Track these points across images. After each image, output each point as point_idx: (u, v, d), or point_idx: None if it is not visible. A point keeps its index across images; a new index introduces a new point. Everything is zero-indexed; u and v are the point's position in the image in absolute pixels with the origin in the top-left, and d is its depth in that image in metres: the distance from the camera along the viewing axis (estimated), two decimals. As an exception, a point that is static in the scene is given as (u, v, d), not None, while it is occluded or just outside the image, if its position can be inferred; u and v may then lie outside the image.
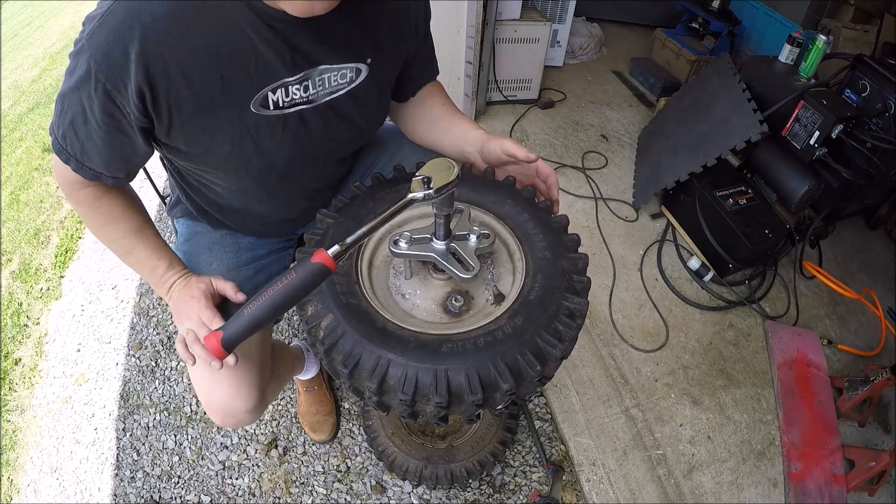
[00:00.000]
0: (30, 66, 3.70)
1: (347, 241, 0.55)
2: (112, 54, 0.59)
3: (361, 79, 0.77)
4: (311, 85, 0.72)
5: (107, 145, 0.69)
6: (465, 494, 1.32)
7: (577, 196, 2.13)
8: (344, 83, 0.75)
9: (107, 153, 0.70)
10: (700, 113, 1.94)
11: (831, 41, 1.72)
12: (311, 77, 0.71)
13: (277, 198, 0.90)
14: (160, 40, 0.60)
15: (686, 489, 1.33)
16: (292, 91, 0.71)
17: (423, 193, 0.59)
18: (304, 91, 0.72)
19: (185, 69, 0.63)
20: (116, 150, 0.71)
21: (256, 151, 0.74)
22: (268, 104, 0.70)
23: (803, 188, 1.73)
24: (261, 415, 0.97)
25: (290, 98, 0.71)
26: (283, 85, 0.69)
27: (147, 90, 0.62)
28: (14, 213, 2.24)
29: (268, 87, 0.68)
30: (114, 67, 0.60)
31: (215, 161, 0.75)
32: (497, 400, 0.61)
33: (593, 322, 1.68)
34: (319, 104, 0.74)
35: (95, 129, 0.67)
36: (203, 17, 0.61)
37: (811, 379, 1.55)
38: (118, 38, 0.59)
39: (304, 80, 0.71)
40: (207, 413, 0.91)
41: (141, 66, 0.60)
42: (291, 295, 0.53)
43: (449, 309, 0.71)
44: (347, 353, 0.61)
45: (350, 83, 0.76)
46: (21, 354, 1.67)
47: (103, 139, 0.68)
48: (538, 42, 2.40)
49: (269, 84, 0.68)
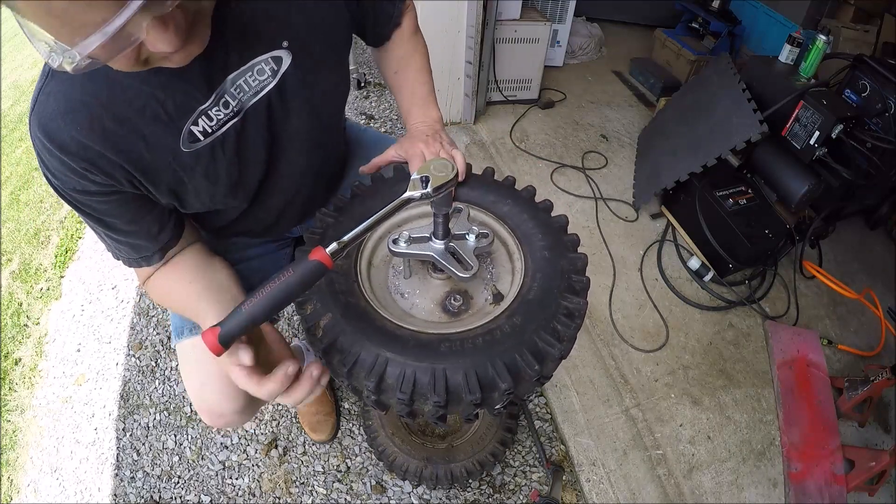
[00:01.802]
0: (30, 66, 3.70)
1: (345, 239, 0.55)
2: (54, 168, 0.63)
3: (286, 66, 0.70)
4: (230, 98, 0.67)
5: (133, 224, 0.71)
6: (465, 494, 1.32)
7: (577, 196, 2.13)
8: (265, 78, 0.69)
9: (144, 229, 0.72)
10: (700, 113, 1.94)
11: (831, 41, 1.72)
12: (225, 91, 0.66)
13: (263, 207, 0.87)
14: (83, 145, 0.61)
15: (686, 489, 1.33)
16: (213, 114, 0.67)
17: (420, 192, 0.59)
18: (226, 107, 0.67)
19: (113, 147, 0.63)
20: (147, 220, 0.72)
21: (209, 180, 0.72)
22: (196, 138, 0.67)
23: (803, 188, 1.73)
24: (252, 416, 0.97)
25: (214, 122, 0.67)
26: (202, 113, 0.66)
27: (104, 176, 0.64)
28: (14, 213, 2.24)
29: (187, 123, 0.66)
30: (59, 176, 0.63)
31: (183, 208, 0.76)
32: (495, 399, 0.61)
33: (593, 322, 1.68)
34: (248, 109, 0.70)
35: (115, 221, 0.69)
36: (97, 100, 0.61)
37: (811, 379, 1.55)
38: (46, 154, 0.62)
39: (220, 98, 0.66)
40: (198, 413, 0.91)
41: (80, 162, 0.62)
42: (289, 292, 0.53)
43: (448, 308, 0.71)
44: (346, 352, 0.61)
45: (274, 75, 0.70)
46: (21, 354, 1.67)
47: (126, 219, 0.70)
48: (538, 42, 2.40)
49: (186, 120, 0.65)
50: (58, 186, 0.65)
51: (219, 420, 0.90)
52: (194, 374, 0.88)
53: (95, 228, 0.72)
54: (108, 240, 0.73)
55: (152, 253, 0.75)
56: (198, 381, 0.87)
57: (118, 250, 0.74)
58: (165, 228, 0.75)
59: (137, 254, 0.74)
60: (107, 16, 0.42)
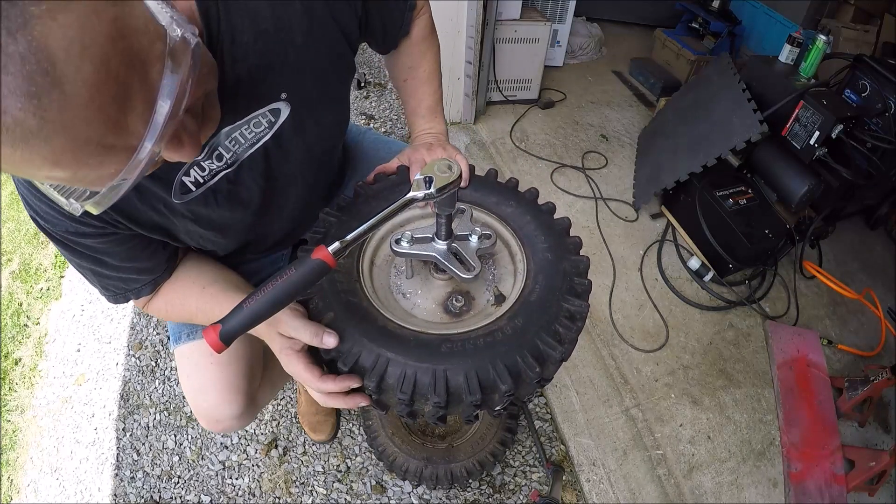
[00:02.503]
0: (30, 66, 3.70)
1: (347, 239, 0.55)
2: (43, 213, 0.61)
3: (284, 118, 0.68)
4: (224, 150, 0.65)
5: (126, 261, 0.69)
6: (465, 494, 1.32)
7: (577, 196, 2.13)
8: (261, 130, 0.67)
9: (135, 265, 0.71)
10: (700, 113, 1.94)
11: (831, 41, 1.72)
12: (218, 144, 0.64)
13: (259, 239, 0.85)
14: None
15: (686, 489, 1.33)
16: (206, 164, 0.65)
17: (423, 193, 0.59)
18: (219, 160, 0.66)
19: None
20: (139, 257, 0.70)
21: (201, 226, 0.71)
22: (187, 189, 0.66)
23: (803, 188, 1.73)
24: (251, 420, 0.97)
25: (207, 172, 0.66)
26: (194, 164, 0.64)
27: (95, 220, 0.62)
28: (14, 213, 2.23)
29: (179, 175, 0.64)
30: (50, 220, 0.62)
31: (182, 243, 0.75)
32: (496, 401, 0.61)
33: (593, 322, 1.68)
34: (244, 160, 0.68)
35: (107, 260, 0.68)
36: None
37: (811, 379, 1.55)
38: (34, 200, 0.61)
39: (214, 150, 0.65)
40: (197, 418, 0.90)
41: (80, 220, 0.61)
42: (291, 290, 0.53)
43: (449, 309, 0.71)
44: (347, 352, 0.61)
45: (271, 126, 0.67)
46: (21, 354, 1.67)
47: (118, 257, 0.68)
48: (538, 42, 2.40)
49: (177, 172, 0.64)
50: (48, 229, 0.63)
51: (216, 425, 0.89)
52: (192, 378, 0.88)
53: (83, 266, 0.69)
54: (96, 277, 0.71)
55: (142, 286, 0.73)
56: (196, 386, 0.87)
57: (105, 287, 0.72)
58: (159, 263, 0.73)
59: (127, 286, 0.72)
60: (120, 167, 0.40)
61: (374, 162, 1.02)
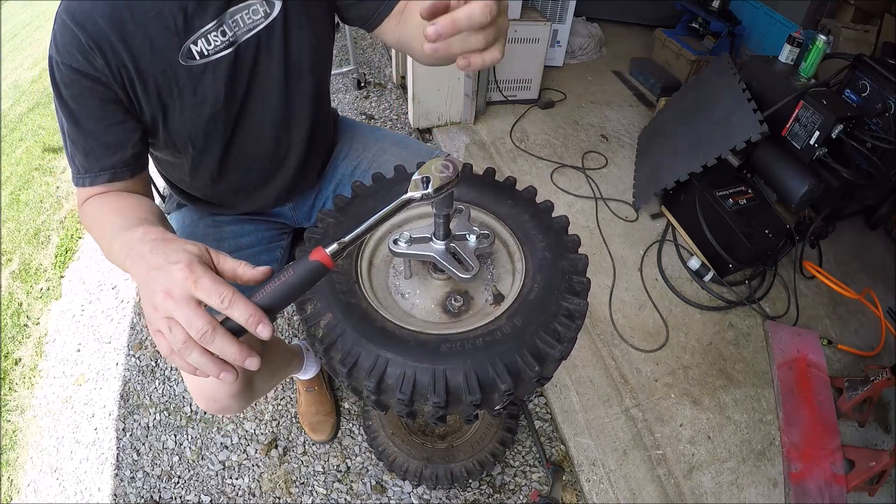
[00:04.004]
0: (30, 66, 3.70)
1: (345, 240, 0.55)
2: (61, 41, 0.68)
3: (276, 12, 0.79)
4: (228, 28, 0.76)
5: (100, 123, 0.73)
6: (465, 494, 1.32)
7: (577, 196, 2.13)
8: (258, 19, 0.78)
9: (104, 136, 0.74)
10: (700, 113, 1.94)
11: (831, 41, 1.72)
12: (224, 21, 0.76)
13: (240, 161, 0.90)
14: (98, 27, 0.68)
15: (686, 489, 1.33)
16: (212, 38, 0.76)
17: (420, 193, 0.59)
18: (223, 35, 0.76)
19: (123, 39, 0.70)
20: (112, 130, 0.74)
21: (197, 98, 0.78)
22: (193, 55, 0.75)
23: (803, 188, 1.73)
24: (248, 404, 0.97)
25: (212, 46, 0.76)
26: (203, 34, 0.75)
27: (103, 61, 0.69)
28: (14, 213, 2.24)
29: (189, 40, 0.74)
30: (62, 50, 0.68)
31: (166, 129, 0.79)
32: (495, 400, 0.61)
33: (593, 322, 1.68)
34: (241, 44, 0.78)
35: (84, 117, 0.72)
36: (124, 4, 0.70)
37: (811, 379, 1.55)
38: (61, 28, 0.68)
39: (220, 25, 0.76)
40: (194, 399, 0.91)
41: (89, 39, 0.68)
42: (288, 292, 0.53)
43: (448, 309, 0.71)
44: (346, 352, 0.61)
45: (265, 17, 0.79)
46: (21, 354, 1.67)
47: (95, 117, 0.72)
48: (538, 42, 2.40)
49: (189, 37, 0.74)
50: (56, 61, 0.69)
51: (213, 405, 0.90)
52: None
53: (62, 124, 0.74)
54: (68, 141, 0.75)
55: (99, 169, 0.74)
56: None
57: (73, 156, 0.76)
58: (124, 148, 0.75)
59: (88, 164, 0.74)
60: None
61: (368, 137, 1.07)
